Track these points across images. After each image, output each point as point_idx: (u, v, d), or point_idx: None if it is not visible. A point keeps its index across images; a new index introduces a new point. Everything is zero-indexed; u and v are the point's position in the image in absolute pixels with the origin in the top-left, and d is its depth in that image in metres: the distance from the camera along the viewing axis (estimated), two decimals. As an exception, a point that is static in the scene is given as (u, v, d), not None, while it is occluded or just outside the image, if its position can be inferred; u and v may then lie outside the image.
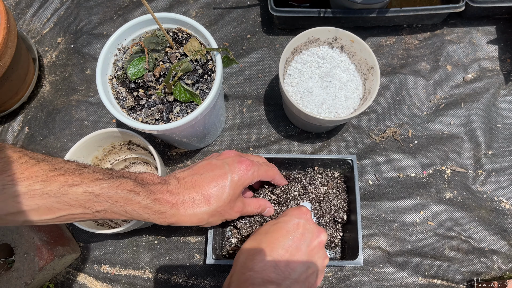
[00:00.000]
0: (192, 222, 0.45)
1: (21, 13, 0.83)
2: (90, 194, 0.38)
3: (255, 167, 0.50)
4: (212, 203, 0.46)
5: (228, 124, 0.74)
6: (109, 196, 0.39)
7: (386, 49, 0.78)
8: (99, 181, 0.39)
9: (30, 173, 0.36)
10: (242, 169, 0.48)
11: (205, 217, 0.46)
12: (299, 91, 0.64)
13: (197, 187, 0.46)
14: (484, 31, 0.79)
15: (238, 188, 0.48)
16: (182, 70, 0.53)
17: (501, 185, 0.69)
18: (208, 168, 0.48)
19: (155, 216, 0.43)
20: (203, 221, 0.46)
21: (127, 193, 0.40)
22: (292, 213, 0.50)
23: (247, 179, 0.49)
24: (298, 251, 0.45)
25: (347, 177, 0.64)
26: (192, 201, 0.45)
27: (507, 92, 0.74)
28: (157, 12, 0.56)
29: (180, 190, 0.45)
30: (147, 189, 0.42)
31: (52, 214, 0.37)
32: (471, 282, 0.64)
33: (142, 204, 0.41)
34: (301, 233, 0.47)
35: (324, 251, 0.49)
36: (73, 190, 0.37)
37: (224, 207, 0.47)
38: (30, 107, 0.77)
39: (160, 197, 0.43)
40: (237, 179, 0.48)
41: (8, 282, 0.58)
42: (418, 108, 0.74)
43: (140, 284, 0.65)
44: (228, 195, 0.47)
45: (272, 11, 0.71)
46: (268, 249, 0.45)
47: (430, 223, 0.67)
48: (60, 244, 0.63)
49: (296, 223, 0.48)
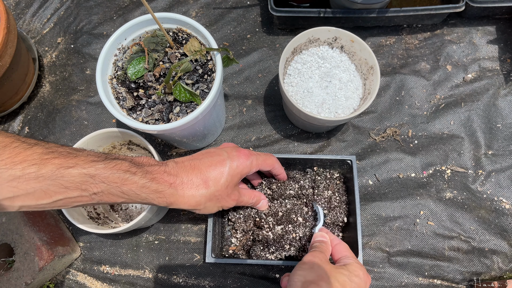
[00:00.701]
0: (190, 204, 0.45)
1: (21, 13, 0.83)
2: (86, 175, 0.38)
3: (254, 156, 0.51)
4: (210, 186, 0.46)
5: (228, 124, 0.74)
6: (105, 177, 0.39)
7: (386, 49, 0.78)
8: (94, 162, 0.39)
9: (24, 157, 0.35)
10: (241, 158, 0.49)
11: (203, 200, 0.46)
12: (299, 91, 0.64)
13: (196, 170, 0.46)
14: (484, 31, 0.79)
15: (236, 175, 0.49)
16: (182, 70, 0.53)
17: (501, 185, 0.69)
18: (207, 155, 0.49)
19: (153, 195, 0.42)
20: (201, 204, 0.46)
21: (123, 173, 0.40)
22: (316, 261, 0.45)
23: (245, 168, 0.50)
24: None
25: (347, 178, 0.64)
26: (191, 182, 0.45)
27: (507, 92, 0.74)
28: (157, 12, 0.56)
29: (179, 171, 0.45)
30: (144, 169, 0.42)
31: (49, 198, 0.37)
32: (471, 282, 0.64)
33: (139, 184, 0.41)
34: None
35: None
36: (68, 172, 0.37)
37: (222, 192, 0.48)
38: (30, 107, 0.77)
39: (158, 176, 0.42)
40: (236, 166, 0.48)
41: (8, 282, 0.58)
42: (418, 108, 0.74)
43: (140, 284, 0.65)
44: (226, 180, 0.47)
45: (272, 11, 0.71)
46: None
47: (430, 223, 0.67)
48: (60, 244, 0.63)
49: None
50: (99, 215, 0.65)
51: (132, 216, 0.67)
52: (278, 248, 0.60)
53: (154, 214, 0.60)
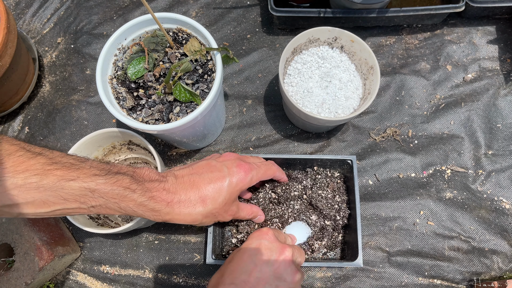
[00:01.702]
0: (186, 221, 0.45)
1: (21, 13, 0.83)
2: (86, 189, 0.38)
3: (254, 171, 0.51)
4: (207, 205, 0.46)
5: (228, 124, 0.74)
6: (105, 193, 0.39)
7: (386, 49, 0.78)
8: (96, 177, 0.39)
9: (27, 166, 0.36)
10: (241, 174, 0.49)
11: (199, 218, 0.46)
12: (299, 91, 0.64)
13: (195, 187, 0.46)
14: (484, 31, 0.79)
15: (235, 192, 0.48)
16: (182, 70, 0.53)
17: (501, 185, 0.69)
18: (207, 169, 0.48)
19: (149, 213, 0.43)
20: (197, 221, 0.47)
21: (122, 190, 0.40)
22: (252, 236, 0.50)
23: (245, 184, 0.49)
24: (262, 272, 0.45)
25: (347, 177, 0.64)
26: (189, 200, 0.45)
27: (507, 92, 0.74)
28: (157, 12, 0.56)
29: (177, 188, 0.45)
30: (143, 186, 0.42)
31: (47, 208, 0.38)
32: (471, 282, 0.64)
33: (137, 202, 0.41)
34: (263, 253, 0.46)
35: (293, 266, 0.47)
36: (69, 185, 0.37)
37: (219, 209, 0.47)
38: (30, 107, 0.77)
39: (156, 195, 0.43)
40: (235, 183, 0.48)
41: (8, 282, 0.58)
42: (418, 108, 0.74)
43: (140, 284, 0.65)
44: (224, 198, 0.47)
45: (272, 11, 0.71)
46: (231, 277, 0.44)
47: (430, 223, 0.67)
48: (60, 244, 0.63)
49: (257, 245, 0.47)
50: (99, 215, 0.65)
51: (132, 217, 0.67)
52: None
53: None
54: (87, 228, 0.56)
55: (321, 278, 0.64)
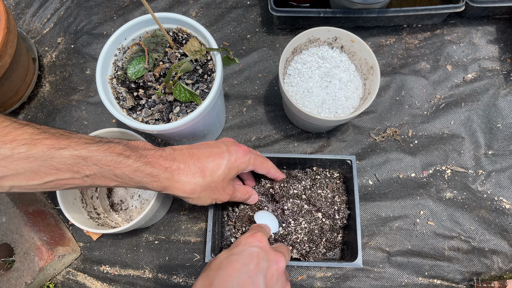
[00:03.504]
0: (184, 190, 0.44)
1: (21, 13, 0.83)
2: (78, 157, 0.37)
3: (252, 154, 0.51)
4: (207, 176, 0.45)
5: (228, 124, 0.74)
6: (98, 159, 0.38)
7: (386, 49, 0.78)
8: (87, 144, 0.38)
9: (14, 136, 0.35)
10: (240, 152, 0.49)
11: (198, 189, 0.45)
12: (299, 91, 0.64)
13: (194, 157, 0.45)
14: (484, 31, 0.79)
15: (233, 169, 0.48)
16: (182, 70, 0.53)
17: (501, 185, 0.69)
18: (206, 145, 0.48)
19: (147, 179, 0.41)
20: (195, 193, 0.45)
21: (116, 156, 0.39)
22: (245, 242, 0.45)
23: (243, 163, 0.49)
24: (254, 284, 0.41)
25: (347, 178, 0.64)
26: (188, 169, 0.44)
27: (507, 92, 0.74)
28: (157, 12, 0.56)
29: (176, 157, 0.44)
30: (138, 153, 0.41)
31: (40, 179, 0.37)
32: (471, 282, 0.64)
33: (133, 167, 0.40)
34: (256, 263, 0.42)
35: (284, 277, 0.45)
36: (60, 153, 0.36)
37: (217, 184, 0.47)
38: (30, 107, 0.77)
39: (153, 160, 0.42)
40: (234, 160, 0.48)
41: (8, 282, 0.58)
42: (418, 108, 0.74)
43: (140, 284, 0.65)
44: (223, 172, 0.47)
45: (272, 11, 0.71)
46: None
47: (430, 223, 0.67)
48: (60, 244, 0.63)
49: (250, 253, 0.43)
50: (99, 215, 0.65)
51: (132, 216, 0.67)
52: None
53: (154, 214, 0.60)
54: (87, 228, 0.56)
55: (321, 278, 0.64)
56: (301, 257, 0.60)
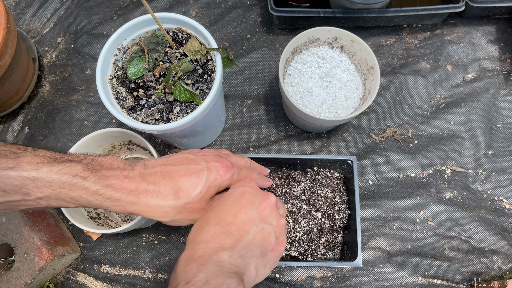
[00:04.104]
0: (155, 215, 0.41)
1: (21, 13, 0.83)
2: (26, 179, 0.34)
3: (235, 170, 0.46)
4: (180, 198, 0.41)
5: (228, 124, 0.74)
6: (49, 181, 0.35)
7: (386, 49, 0.78)
8: (39, 164, 0.35)
9: None
10: (221, 170, 0.44)
11: (171, 212, 0.41)
12: (299, 91, 0.64)
13: (167, 177, 0.41)
14: (484, 31, 0.79)
15: (212, 188, 0.43)
16: (182, 70, 0.53)
17: (501, 185, 0.69)
18: (183, 161, 0.44)
19: (108, 203, 0.39)
20: (168, 216, 0.42)
21: (70, 177, 0.36)
22: (236, 184, 0.46)
23: (224, 181, 0.45)
24: (247, 214, 0.42)
25: (347, 178, 0.64)
26: (158, 191, 0.40)
27: (507, 92, 0.74)
28: (157, 12, 0.56)
29: (146, 177, 0.40)
30: (98, 174, 0.38)
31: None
32: (471, 282, 0.64)
33: (91, 190, 0.37)
34: (247, 198, 0.44)
35: (277, 212, 0.46)
36: (6, 174, 0.34)
37: (194, 205, 0.42)
38: (30, 107, 0.77)
39: (115, 183, 0.38)
40: (213, 178, 0.43)
41: (8, 282, 0.58)
42: (418, 108, 0.74)
43: (140, 284, 0.65)
44: (199, 192, 0.42)
45: (272, 11, 0.71)
46: (216, 219, 0.42)
47: (430, 223, 0.67)
48: (60, 244, 0.63)
49: (241, 191, 0.44)
50: (99, 215, 0.65)
51: (132, 216, 0.67)
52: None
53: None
54: (87, 228, 0.56)
55: (321, 278, 0.64)
56: (300, 255, 0.60)
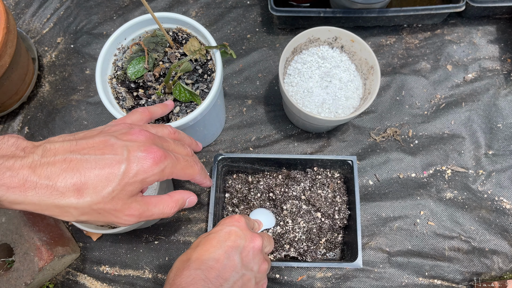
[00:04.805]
0: (54, 214, 0.33)
1: (21, 13, 0.83)
2: None
3: (169, 161, 0.37)
4: (84, 196, 0.33)
5: (228, 124, 0.73)
6: None
7: (386, 49, 0.78)
8: None
9: None
10: (147, 162, 0.35)
11: (73, 213, 0.33)
12: (299, 91, 0.64)
13: (70, 168, 0.32)
14: (484, 31, 0.79)
15: (132, 185, 0.35)
16: (182, 70, 0.53)
17: (502, 185, 0.69)
18: (98, 148, 0.34)
19: None
20: (71, 217, 0.34)
21: None
22: (223, 222, 0.46)
23: (151, 176, 0.36)
24: (230, 259, 0.42)
25: (347, 178, 0.64)
26: (53, 187, 0.31)
27: (508, 92, 0.74)
28: (157, 12, 0.56)
29: (37, 168, 0.31)
30: None
31: None
32: (471, 282, 0.64)
33: None
34: (233, 240, 0.43)
35: (260, 256, 0.45)
36: None
37: (104, 205, 0.34)
38: (30, 107, 0.77)
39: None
40: (135, 172, 0.34)
41: (8, 282, 0.58)
42: (419, 108, 0.74)
43: (140, 284, 0.65)
44: (111, 190, 0.34)
45: (272, 11, 0.71)
46: (197, 263, 0.41)
47: (430, 223, 0.67)
48: (60, 244, 0.63)
49: (228, 231, 0.44)
50: (99, 215, 0.65)
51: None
52: (277, 248, 0.59)
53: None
54: (87, 228, 0.56)
55: (321, 278, 0.64)
56: (299, 256, 0.60)
